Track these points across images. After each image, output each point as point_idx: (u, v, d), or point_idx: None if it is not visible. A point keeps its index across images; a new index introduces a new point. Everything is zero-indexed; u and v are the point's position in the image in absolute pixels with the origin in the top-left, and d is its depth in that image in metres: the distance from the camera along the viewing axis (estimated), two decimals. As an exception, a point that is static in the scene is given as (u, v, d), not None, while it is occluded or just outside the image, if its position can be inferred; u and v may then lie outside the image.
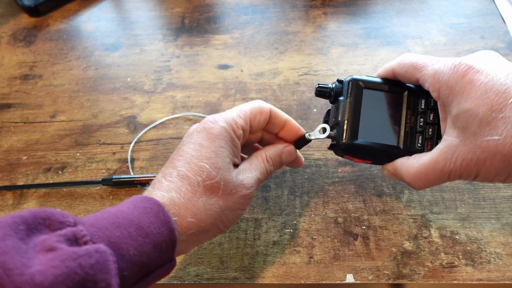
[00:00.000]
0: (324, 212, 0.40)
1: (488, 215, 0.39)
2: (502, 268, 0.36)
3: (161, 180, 0.30)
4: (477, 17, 0.56)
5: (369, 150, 0.33)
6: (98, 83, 0.54)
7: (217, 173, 0.30)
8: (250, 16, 0.60)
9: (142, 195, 0.29)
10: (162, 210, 0.27)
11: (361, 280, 0.36)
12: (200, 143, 0.31)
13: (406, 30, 0.55)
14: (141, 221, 0.26)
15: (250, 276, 0.37)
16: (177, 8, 0.62)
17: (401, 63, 0.32)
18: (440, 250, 0.37)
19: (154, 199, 0.28)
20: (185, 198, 0.29)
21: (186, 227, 0.29)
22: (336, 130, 0.33)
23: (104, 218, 0.26)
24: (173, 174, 0.30)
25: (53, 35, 0.60)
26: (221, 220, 0.31)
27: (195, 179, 0.29)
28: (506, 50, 0.51)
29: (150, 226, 0.26)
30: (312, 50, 0.55)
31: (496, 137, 0.26)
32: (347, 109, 0.33)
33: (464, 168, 0.28)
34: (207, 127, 0.31)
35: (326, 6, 0.60)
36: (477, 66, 0.28)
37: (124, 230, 0.25)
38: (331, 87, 0.35)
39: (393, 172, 0.33)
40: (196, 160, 0.30)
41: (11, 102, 0.53)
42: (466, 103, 0.27)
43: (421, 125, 0.33)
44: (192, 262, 0.38)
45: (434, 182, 0.30)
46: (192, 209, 0.29)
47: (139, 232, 0.26)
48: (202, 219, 0.29)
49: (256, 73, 0.53)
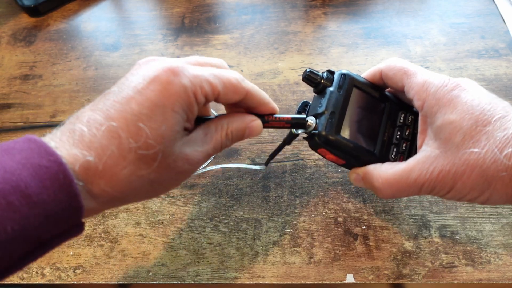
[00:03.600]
0: (324, 212, 0.40)
1: (488, 215, 0.39)
2: (502, 268, 0.36)
3: (82, 129, 0.23)
4: (477, 17, 0.56)
5: (348, 148, 0.31)
6: (98, 83, 0.54)
7: (157, 142, 0.24)
8: (250, 16, 0.60)
9: (43, 143, 0.22)
10: (62, 170, 0.21)
11: (361, 280, 0.36)
12: (149, 97, 0.24)
13: (406, 30, 0.55)
14: (29, 186, 0.20)
15: (250, 276, 0.37)
16: (177, 8, 0.62)
17: (390, 65, 0.32)
18: (440, 250, 0.37)
19: (55, 155, 0.21)
20: (106, 164, 0.23)
21: (97, 194, 0.23)
22: (319, 120, 0.31)
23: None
24: (102, 125, 0.23)
25: (53, 35, 0.60)
26: (145, 192, 0.26)
27: (127, 142, 0.23)
28: (506, 50, 0.51)
29: (41, 193, 0.20)
30: (312, 50, 0.55)
31: (477, 149, 0.26)
32: (337, 101, 0.32)
33: (440, 180, 0.27)
34: (165, 79, 0.24)
35: (326, 6, 0.60)
36: (464, 85, 0.29)
37: (2, 199, 0.19)
38: (321, 75, 0.33)
39: (362, 176, 0.32)
40: (137, 118, 0.23)
41: (11, 102, 0.53)
42: (452, 114, 0.27)
43: (397, 138, 0.33)
44: (192, 262, 0.38)
45: (403, 192, 0.30)
46: (110, 178, 0.23)
47: (23, 202, 0.20)
48: (120, 190, 0.24)
49: (256, 73, 0.53)
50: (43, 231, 0.21)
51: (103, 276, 0.38)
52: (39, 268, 0.39)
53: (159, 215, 0.41)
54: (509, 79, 0.49)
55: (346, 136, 0.32)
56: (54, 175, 0.21)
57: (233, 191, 0.43)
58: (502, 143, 0.25)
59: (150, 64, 0.26)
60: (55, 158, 0.21)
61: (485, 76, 0.49)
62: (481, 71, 0.50)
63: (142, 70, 0.26)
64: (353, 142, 0.32)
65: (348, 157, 0.32)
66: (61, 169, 0.21)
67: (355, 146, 0.32)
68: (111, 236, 0.40)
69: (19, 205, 0.20)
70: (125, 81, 0.25)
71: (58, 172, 0.21)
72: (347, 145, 0.31)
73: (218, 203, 0.42)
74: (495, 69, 0.50)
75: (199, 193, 0.43)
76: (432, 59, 0.52)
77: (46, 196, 0.21)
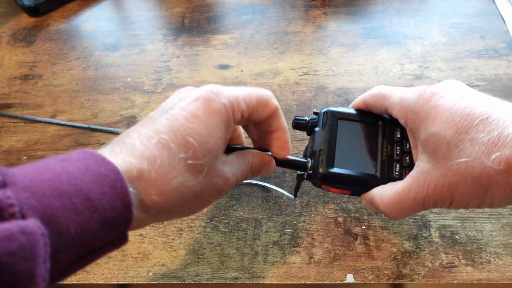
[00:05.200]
0: (324, 212, 0.40)
1: (488, 215, 0.39)
2: (502, 268, 0.36)
3: (134, 142, 0.24)
4: (477, 17, 0.56)
5: (346, 179, 0.32)
6: (98, 83, 0.54)
7: (204, 155, 0.25)
8: (250, 16, 0.60)
9: (98, 154, 0.23)
10: (120, 179, 0.22)
11: (361, 280, 0.36)
12: (195, 113, 0.26)
13: (406, 30, 0.55)
14: (91, 190, 0.21)
15: (250, 276, 0.37)
16: (177, 8, 0.62)
17: (371, 93, 0.33)
18: (440, 250, 0.37)
19: (112, 165, 0.22)
20: (157, 172, 0.24)
21: (148, 205, 0.24)
22: (313, 159, 0.33)
23: (44, 180, 0.20)
24: (152, 139, 0.24)
25: (53, 35, 0.60)
26: (190, 206, 0.27)
27: (177, 153, 0.24)
28: (506, 50, 0.51)
29: (101, 199, 0.21)
30: (312, 50, 0.55)
31: (465, 159, 0.25)
32: (323, 138, 0.33)
33: (438, 194, 0.27)
34: (207, 97, 0.26)
35: (326, 6, 0.60)
36: (440, 92, 0.28)
37: (67, 201, 0.20)
38: (306, 119, 0.35)
39: (369, 201, 0.32)
40: (185, 132, 0.25)
41: (11, 102, 0.53)
42: (433, 127, 0.27)
43: (398, 154, 0.33)
44: (192, 262, 0.38)
45: (409, 211, 0.29)
46: (161, 187, 0.24)
47: (86, 205, 0.20)
48: (169, 200, 0.24)
49: (256, 73, 0.53)
50: (98, 238, 0.21)
51: (103, 276, 0.38)
52: (39, 268, 0.39)
53: (159, 215, 0.41)
54: (509, 79, 0.49)
55: (341, 167, 0.32)
56: (113, 182, 0.22)
57: (233, 191, 0.43)
58: (488, 147, 0.25)
59: (190, 89, 0.28)
60: (112, 167, 0.22)
61: (485, 76, 0.49)
62: (481, 71, 0.50)
63: (184, 93, 0.28)
64: (350, 171, 0.32)
65: (349, 186, 0.33)
66: (119, 177, 0.22)
67: (351, 175, 0.32)
68: (111, 236, 0.40)
69: (82, 208, 0.20)
70: (168, 102, 0.27)
71: (116, 180, 0.22)
72: (342, 176, 0.32)
73: (218, 203, 0.42)
74: (495, 69, 0.50)
75: (199, 193, 0.43)
76: (432, 59, 0.52)
77: (105, 203, 0.21)
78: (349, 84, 0.50)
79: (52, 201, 0.19)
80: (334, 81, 0.51)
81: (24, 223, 0.18)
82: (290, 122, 0.34)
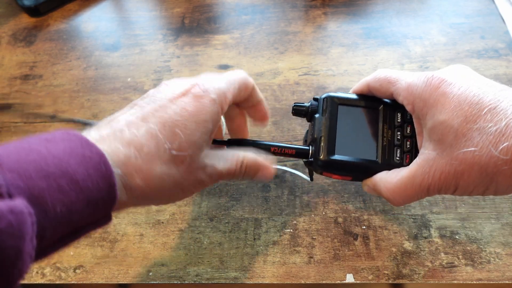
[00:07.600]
0: (324, 212, 0.40)
1: (488, 215, 0.39)
2: (502, 268, 0.36)
3: (122, 129, 0.26)
4: (477, 17, 0.56)
5: (347, 165, 0.32)
6: (98, 83, 0.54)
7: (189, 146, 0.26)
8: (250, 16, 0.60)
9: (82, 136, 0.24)
10: (104, 161, 0.23)
11: (361, 280, 0.36)
12: (184, 107, 0.27)
13: (406, 30, 0.55)
14: (76, 172, 0.22)
15: (250, 276, 0.37)
16: (177, 8, 0.62)
17: (376, 77, 0.33)
18: (440, 250, 0.37)
19: (96, 147, 0.23)
20: (143, 159, 0.25)
21: (131, 188, 0.25)
22: (313, 146, 0.33)
23: (30, 161, 0.21)
24: (141, 127, 0.26)
25: (53, 35, 0.60)
26: (170, 194, 0.28)
27: (163, 143, 0.26)
28: (506, 50, 0.51)
29: (86, 180, 0.22)
30: (312, 50, 0.55)
31: (472, 148, 0.25)
32: (323, 125, 0.33)
33: (443, 181, 0.27)
34: (196, 93, 0.28)
35: (326, 6, 0.60)
36: (449, 79, 0.28)
37: (53, 182, 0.21)
38: (306, 106, 0.35)
39: (372, 187, 0.32)
40: (173, 124, 0.26)
41: (11, 102, 0.53)
42: (441, 115, 0.27)
43: (399, 139, 0.33)
44: (192, 262, 0.38)
45: (413, 197, 0.30)
46: (145, 172, 0.25)
47: (71, 186, 0.21)
48: (152, 186, 0.26)
49: (256, 73, 0.53)
50: (82, 216, 0.22)
51: (103, 276, 0.38)
52: (39, 268, 0.39)
53: (159, 215, 0.41)
54: (509, 79, 0.49)
55: (342, 154, 0.32)
56: (97, 165, 0.23)
57: (233, 191, 0.43)
58: (495, 137, 0.25)
59: (176, 81, 0.29)
60: (96, 150, 0.23)
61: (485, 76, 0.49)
62: (481, 71, 0.50)
63: (171, 85, 0.29)
64: (351, 158, 0.32)
65: (351, 173, 0.33)
66: (103, 160, 0.23)
67: (352, 161, 0.32)
68: (111, 236, 0.40)
69: (68, 189, 0.21)
70: (156, 93, 0.28)
71: (100, 162, 0.23)
72: (343, 162, 0.32)
73: (218, 203, 0.42)
74: (495, 69, 0.50)
75: (199, 193, 0.43)
76: (432, 59, 0.52)
77: (90, 184, 0.22)
78: (349, 84, 0.50)
79: (38, 182, 0.20)
80: (334, 81, 0.51)
81: (12, 202, 0.18)
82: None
